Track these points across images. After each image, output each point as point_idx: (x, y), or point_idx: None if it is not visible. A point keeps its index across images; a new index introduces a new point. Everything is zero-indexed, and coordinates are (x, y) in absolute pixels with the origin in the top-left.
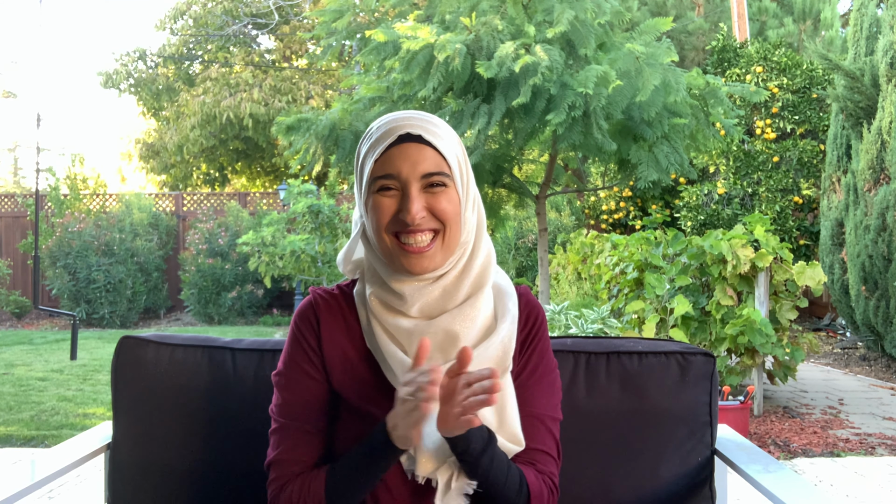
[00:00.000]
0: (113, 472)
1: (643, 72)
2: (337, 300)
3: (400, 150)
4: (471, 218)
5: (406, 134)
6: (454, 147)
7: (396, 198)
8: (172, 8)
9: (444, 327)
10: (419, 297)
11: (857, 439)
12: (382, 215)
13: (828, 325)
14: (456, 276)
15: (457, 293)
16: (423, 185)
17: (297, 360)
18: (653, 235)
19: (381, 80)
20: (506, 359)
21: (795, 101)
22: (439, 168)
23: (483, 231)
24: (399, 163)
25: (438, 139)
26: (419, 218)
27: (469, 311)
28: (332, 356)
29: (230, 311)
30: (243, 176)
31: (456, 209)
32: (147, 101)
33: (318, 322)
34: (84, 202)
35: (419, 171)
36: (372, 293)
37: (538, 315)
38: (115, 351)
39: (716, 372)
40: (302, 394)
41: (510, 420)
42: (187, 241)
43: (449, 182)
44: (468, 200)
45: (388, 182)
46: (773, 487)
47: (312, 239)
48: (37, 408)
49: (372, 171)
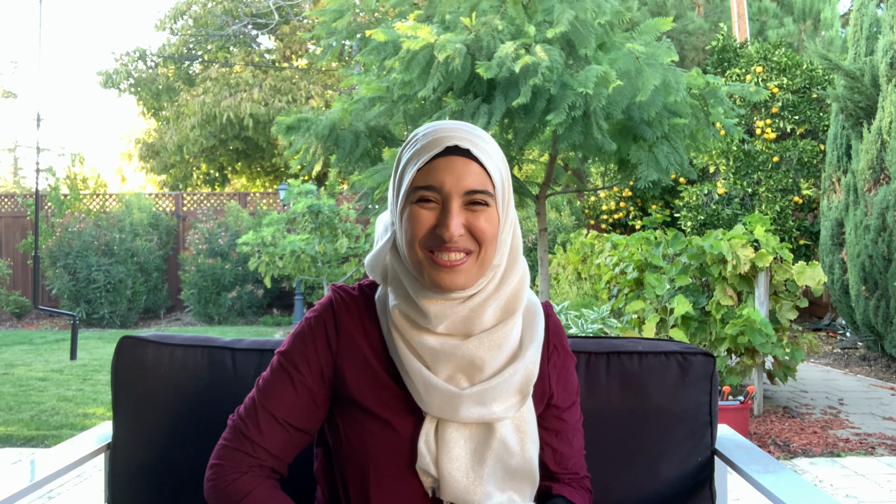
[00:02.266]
0: (113, 472)
1: (643, 72)
2: (357, 302)
3: (446, 161)
4: (507, 240)
5: (454, 146)
6: (500, 165)
7: (436, 211)
8: (172, 8)
9: (470, 352)
10: (445, 317)
11: (857, 439)
12: (419, 228)
13: (828, 325)
14: (485, 299)
15: (484, 315)
16: (464, 201)
17: (295, 357)
18: (653, 235)
19: (381, 80)
20: (529, 384)
21: (795, 101)
22: (483, 186)
23: (518, 254)
24: (443, 175)
25: (486, 155)
26: (457, 235)
27: (497, 338)
28: (349, 359)
29: (230, 311)
30: (243, 176)
31: (494, 230)
32: (147, 101)
33: (336, 325)
34: (84, 202)
35: (463, 186)
36: (395, 306)
37: (562, 337)
38: (115, 351)
39: (716, 372)
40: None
41: (529, 451)
42: (187, 241)
43: (491, 201)
44: (506, 221)
45: (428, 194)
46: (773, 487)
47: (312, 239)
48: (37, 408)
49: (413, 179)
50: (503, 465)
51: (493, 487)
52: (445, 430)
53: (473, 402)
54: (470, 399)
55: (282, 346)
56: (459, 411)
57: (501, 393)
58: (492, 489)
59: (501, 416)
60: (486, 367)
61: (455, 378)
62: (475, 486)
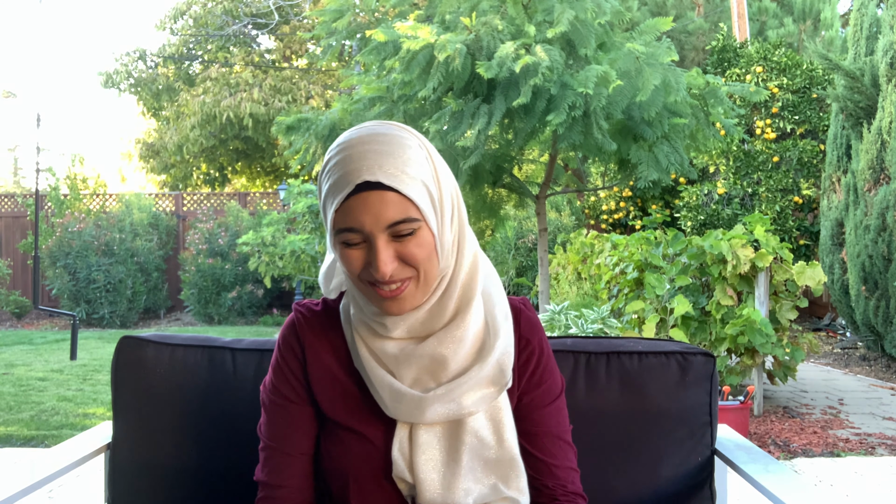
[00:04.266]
0: (113, 472)
1: (643, 72)
2: (320, 318)
3: (359, 200)
4: (448, 241)
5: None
6: (422, 177)
7: (364, 249)
8: (172, 8)
9: (430, 352)
10: (402, 323)
11: (857, 439)
12: (352, 267)
13: (828, 325)
14: (440, 297)
15: (444, 312)
16: (389, 234)
17: (280, 387)
18: (653, 235)
19: (381, 80)
20: (503, 376)
21: (795, 101)
22: (404, 214)
23: (465, 237)
24: (360, 216)
25: (399, 179)
26: (390, 271)
27: (455, 332)
28: (318, 377)
29: (230, 311)
30: (243, 176)
31: (429, 249)
32: (147, 101)
33: (301, 346)
34: (84, 202)
35: (383, 221)
36: (355, 315)
37: (537, 333)
38: (115, 351)
39: (716, 372)
40: (286, 419)
41: (509, 442)
42: (187, 241)
43: (418, 224)
44: (444, 225)
45: (350, 236)
46: (773, 487)
47: (312, 239)
48: (37, 408)
49: (334, 221)
50: (480, 458)
51: (472, 482)
52: (418, 433)
53: (440, 402)
54: (436, 400)
55: (265, 381)
56: (426, 413)
57: (472, 388)
58: (471, 485)
59: (473, 409)
60: (450, 363)
61: (421, 380)
62: (452, 484)
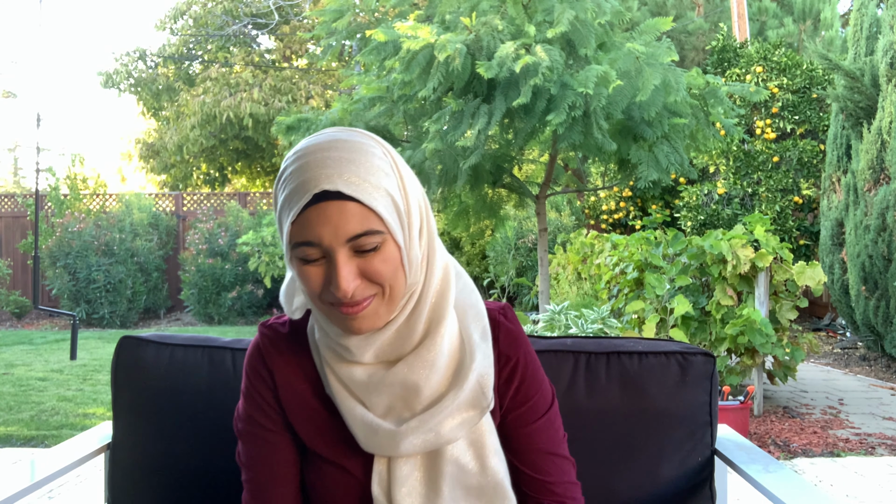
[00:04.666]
0: (113, 472)
1: (643, 72)
2: (287, 340)
3: (317, 211)
4: (417, 255)
5: (323, 192)
6: (384, 188)
7: (323, 265)
8: (172, 8)
9: (400, 379)
10: (368, 345)
11: (857, 439)
12: (311, 286)
13: (828, 325)
14: (408, 317)
15: (413, 333)
16: (350, 248)
17: (253, 415)
18: (653, 235)
19: (381, 80)
20: (484, 398)
21: (795, 101)
22: (366, 226)
23: (435, 250)
24: (319, 228)
25: (361, 188)
26: (352, 290)
27: (426, 355)
28: (291, 406)
29: (230, 311)
30: (243, 176)
31: (395, 264)
32: (147, 101)
33: (269, 371)
34: (84, 202)
35: (343, 234)
36: (320, 339)
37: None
38: (115, 351)
39: (716, 372)
40: (265, 448)
41: (493, 468)
42: (187, 241)
43: (383, 237)
44: (411, 238)
45: (308, 250)
46: (773, 487)
47: None
48: (37, 408)
49: (290, 234)
50: (462, 486)
51: None
52: (396, 465)
53: (416, 434)
54: (410, 433)
55: (237, 407)
56: (401, 447)
57: (450, 415)
58: None
59: (453, 437)
60: (423, 389)
61: (395, 408)
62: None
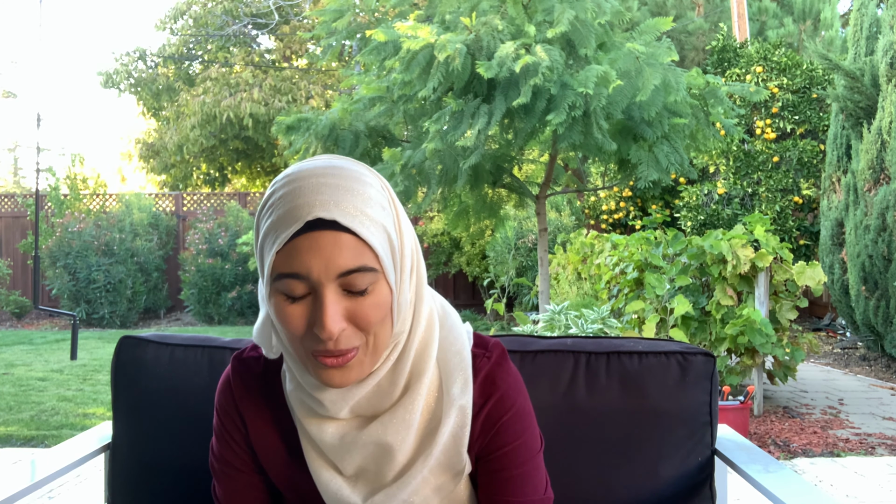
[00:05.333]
0: (113, 472)
1: (643, 72)
2: (260, 381)
3: (308, 240)
4: (407, 296)
5: (316, 219)
6: (381, 223)
7: (307, 305)
8: (172, 8)
9: (374, 439)
10: (345, 401)
11: (857, 439)
12: (292, 328)
13: (828, 325)
14: (390, 370)
15: (394, 389)
16: (340, 285)
17: (225, 455)
18: (653, 235)
19: (381, 80)
20: (459, 460)
21: (795, 101)
22: (360, 262)
23: (423, 297)
24: (308, 259)
25: (359, 222)
26: (338, 331)
27: (403, 415)
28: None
29: (230, 311)
30: (243, 176)
31: (385, 310)
32: (147, 101)
33: (240, 414)
34: (84, 202)
35: (334, 269)
36: (292, 392)
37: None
38: (115, 351)
39: (716, 372)
40: (237, 488)
41: None
42: (187, 241)
43: (376, 276)
44: (402, 282)
45: (293, 284)
46: (773, 487)
47: None
48: (37, 408)
49: (273, 265)
50: None
51: None
52: None
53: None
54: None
55: (211, 443)
56: None
57: (421, 483)
58: None
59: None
60: (397, 453)
61: (366, 471)
62: None
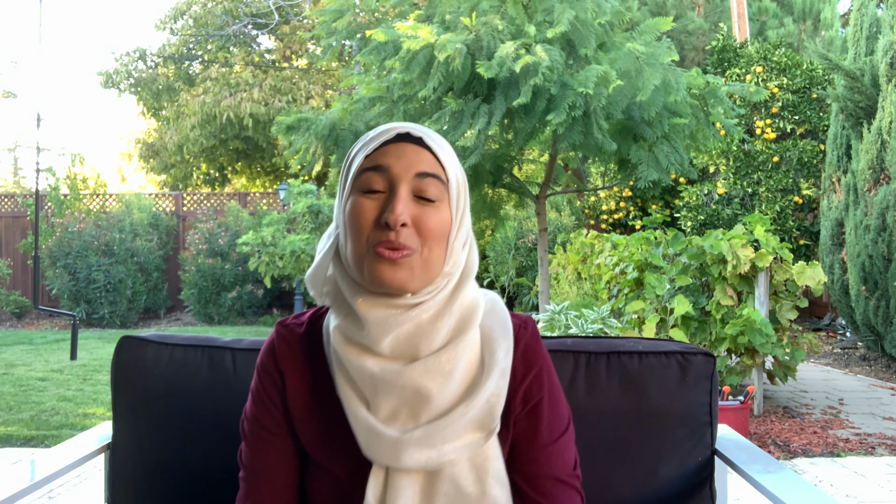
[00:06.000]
0: (113, 472)
1: (643, 72)
2: (302, 341)
3: (396, 147)
4: (459, 250)
5: (405, 133)
6: (455, 166)
7: (380, 201)
8: (172, 8)
9: (413, 381)
10: (387, 329)
11: (857, 439)
12: (363, 219)
13: (828, 325)
14: (434, 312)
15: (433, 334)
16: (414, 187)
17: (259, 417)
18: (653, 235)
19: (381, 80)
20: (492, 420)
21: (795, 101)
22: (435, 170)
23: (471, 276)
24: (392, 159)
25: (440, 147)
26: (402, 220)
27: (445, 364)
28: (297, 410)
29: (230, 311)
30: (243, 176)
31: (443, 229)
32: (147, 101)
33: (280, 373)
34: (84, 202)
35: (412, 168)
36: (336, 327)
37: (538, 361)
38: (115, 351)
39: (716, 372)
40: (266, 452)
41: (493, 495)
42: (187, 241)
43: (443, 195)
44: (460, 229)
45: (375, 177)
46: (773, 487)
47: (312, 239)
48: (37, 408)
49: (359, 166)
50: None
51: None
52: (394, 478)
53: (418, 447)
54: (413, 444)
55: (245, 408)
56: (402, 458)
57: (454, 433)
58: None
59: (455, 457)
60: (434, 399)
61: (398, 414)
62: None
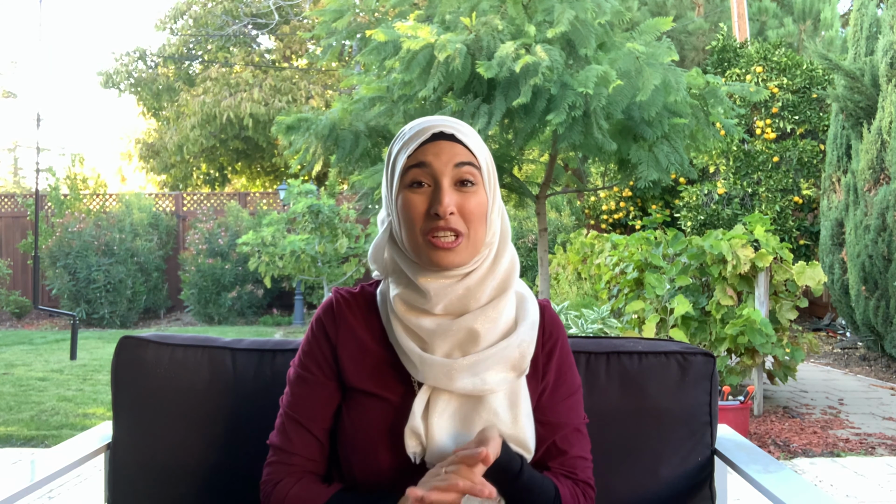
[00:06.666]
0: (113, 472)
1: (643, 71)
2: (357, 299)
3: (433, 145)
4: (496, 221)
5: (439, 132)
6: (484, 152)
7: (427, 194)
8: (172, 8)
9: (466, 326)
10: (444, 295)
11: (857, 439)
12: (414, 213)
13: (828, 325)
14: (480, 277)
15: (480, 293)
16: (454, 178)
17: (308, 364)
18: (653, 235)
19: (381, 80)
20: (523, 361)
21: (795, 101)
22: (469, 159)
23: (507, 239)
24: (431, 155)
25: (470, 139)
26: (449, 209)
27: (491, 313)
28: (349, 351)
29: (230, 311)
30: (243, 176)
31: (483, 210)
32: (147, 101)
33: (336, 324)
34: (84, 202)
35: (451, 161)
36: (397, 295)
37: (559, 330)
38: (115, 351)
39: (716, 372)
40: (307, 391)
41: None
42: (187, 241)
43: (478, 179)
44: (494, 204)
45: (420, 172)
46: (773, 487)
47: (312, 239)
48: (37, 408)
49: (405, 164)
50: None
51: None
52: (438, 399)
53: (468, 373)
54: (465, 369)
55: (294, 360)
56: (454, 381)
57: (495, 364)
58: None
59: (494, 387)
60: (482, 339)
61: (451, 353)
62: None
